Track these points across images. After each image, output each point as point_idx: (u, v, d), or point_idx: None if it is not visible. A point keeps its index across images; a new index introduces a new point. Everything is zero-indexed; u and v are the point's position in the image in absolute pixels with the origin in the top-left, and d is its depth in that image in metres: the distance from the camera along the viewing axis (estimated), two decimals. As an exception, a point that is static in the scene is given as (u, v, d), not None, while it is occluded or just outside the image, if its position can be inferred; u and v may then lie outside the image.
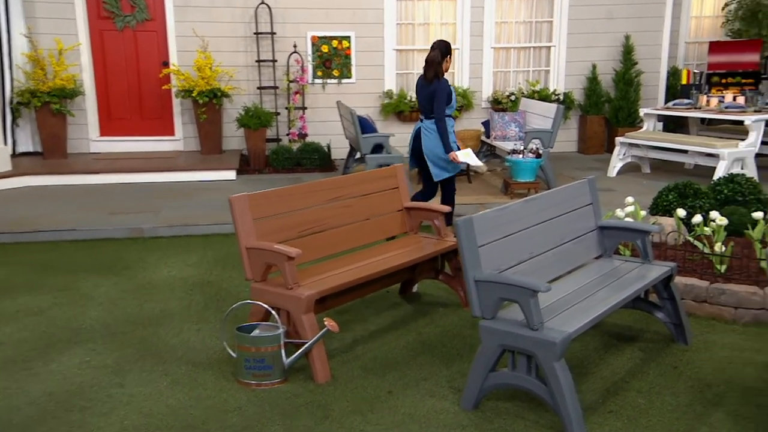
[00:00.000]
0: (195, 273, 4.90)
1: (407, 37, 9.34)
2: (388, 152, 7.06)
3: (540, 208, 3.43)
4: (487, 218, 3.09)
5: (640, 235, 3.70)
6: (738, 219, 4.80)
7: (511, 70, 9.55)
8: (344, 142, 8.70)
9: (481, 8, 9.20)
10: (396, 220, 4.32)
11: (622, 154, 7.79)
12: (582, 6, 9.24)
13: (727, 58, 9.14)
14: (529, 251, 3.25)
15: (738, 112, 6.90)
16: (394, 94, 9.22)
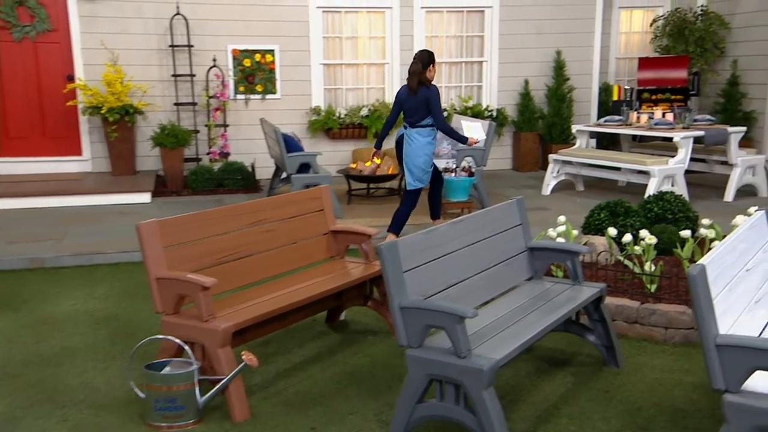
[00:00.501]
0: (101, 306, 4.74)
1: (335, 51, 9.42)
2: (315, 172, 7.07)
3: (468, 230, 3.50)
4: (413, 242, 3.13)
5: (569, 256, 3.83)
6: (668, 237, 5.04)
7: (443, 85, 9.75)
8: (270, 161, 8.65)
9: (410, 22, 9.40)
10: (321, 244, 4.32)
11: (555, 171, 8.06)
12: (512, 21, 9.58)
13: (656, 74, 9.65)
14: (457, 275, 3.31)
15: (667, 129, 7.28)
16: (322, 110, 9.25)
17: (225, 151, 8.74)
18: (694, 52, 9.71)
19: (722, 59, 9.91)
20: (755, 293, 2.87)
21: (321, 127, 9.24)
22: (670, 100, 9.48)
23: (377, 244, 3.01)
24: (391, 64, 9.46)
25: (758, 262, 3.00)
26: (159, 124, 8.37)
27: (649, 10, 10.55)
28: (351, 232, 4.38)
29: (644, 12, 10.60)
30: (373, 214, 7.06)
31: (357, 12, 9.38)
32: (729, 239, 2.75)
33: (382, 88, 9.60)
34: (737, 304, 2.64)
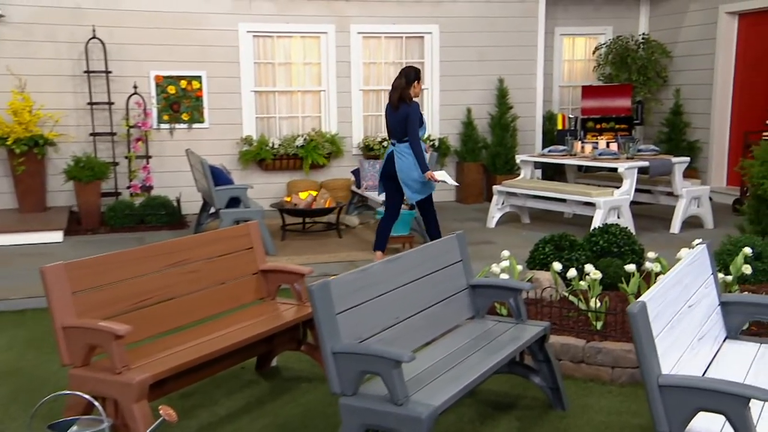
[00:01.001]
0: (2, 358, 4.53)
1: (267, 78, 9.44)
2: (246, 206, 7.00)
3: (405, 267, 3.51)
4: (346, 282, 3.12)
5: (511, 293, 3.88)
6: (613, 272, 5.17)
7: (382, 113, 9.86)
8: (197, 194, 8.53)
9: (347, 48, 9.51)
10: (251, 285, 4.27)
11: (500, 203, 8.22)
12: (453, 47, 9.81)
13: (599, 103, 10.01)
14: (394, 316, 3.31)
15: (611, 159, 7.54)
16: (254, 140, 9.22)
17: (147, 184, 8.57)
18: (638, 81, 10.14)
19: (665, 88, 10.38)
20: (698, 330, 2.97)
21: (253, 158, 9.19)
22: (614, 130, 9.84)
23: (309, 285, 2.98)
24: (327, 92, 9.54)
25: (701, 297, 3.11)
26: (73, 156, 8.16)
27: (592, 38, 10.99)
28: (282, 271, 4.34)
29: (587, 39, 11.04)
30: (310, 251, 7.03)
31: (290, 37, 9.44)
32: (670, 274, 2.84)
33: (318, 117, 9.65)
34: (680, 341, 2.72)
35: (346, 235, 7.76)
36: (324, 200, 7.70)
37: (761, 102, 8.93)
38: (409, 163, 6.13)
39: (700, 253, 3.29)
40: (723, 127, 9.60)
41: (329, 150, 9.37)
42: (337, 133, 9.52)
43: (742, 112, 9.41)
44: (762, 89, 8.96)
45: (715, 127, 9.60)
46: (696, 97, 9.88)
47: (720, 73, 9.46)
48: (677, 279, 2.88)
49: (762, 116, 8.66)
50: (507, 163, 9.74)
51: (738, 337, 3.36)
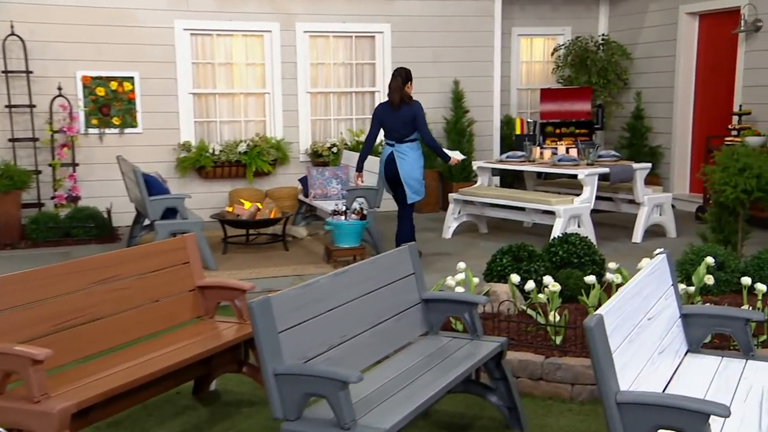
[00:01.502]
0: None
1: (206, 79, 9.36)
2: (183, 217, 6.91)
3: (353, 281, 3.51)
4: (289, 297, 3.10)
5: (467, 308, 3.91)
6: (573, 284, 5.26)
7: (331, 117, 9.88)
8: (130, 205, 8.37)
9: (292, 47, 9.50)
10: (187, 302, 4.22)
11: (456, 212, 8.28)
12: (406, 48, 9.88)
13: (559, 107, 10.20)
14: (341, 334, 3.30)
15: (571, 165, 7.67)
16: (192, 146, 9.12)
17: (74, 194, 8.39)
18: (597, 84, 10.37)
19: (626, 91, 10.63)
20: (658, 343, 3.03)
21: (191, 166, 9.08)
22: (574, 135, 10.03)
23: (249, 301, 2.96)
24: (272, 94, 9.50)
25: (661, 309, 3.18)
26: (-10, 164, 7.94)
27: (550, 38, 11.20)
28: (222, 287, 4.31)
29: (545, 40, 11.24)
30: (253, 264, 6.97)
31: (231, 35, 9.38)
32: (629, 286, 2.90)
33: (263, 121, 9.60)
34: (639, 356, 2.77)
35: (293, 248, 7.72)
36: (269, 210, 7.65)
37: (723, 105, 9.22)
38: (411, 162, 6.66)
39: (660, 263, 3.37)
40: (685, 132, 9.87)
41: (274, 156, 9.32)
42: (282, 139, 9.48)
43: (704, 116, 9.69)
44: (723, 92, 9.26)
45: (677, 132, 9.87)
46: (657, 100, 10.14)
47: (681, 75, 9.73)
48: (636, 290, 2.94)
49: (724, 120, 8.94)
50: (464, 169, 9.83)
51: (699, 351, 3.44)
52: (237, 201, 8.67)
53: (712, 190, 5.82)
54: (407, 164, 6.66)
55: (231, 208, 7.91)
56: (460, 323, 4.71)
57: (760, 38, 8.54)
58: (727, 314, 3.41)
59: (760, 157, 5.59)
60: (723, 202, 5.61)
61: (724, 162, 5.50)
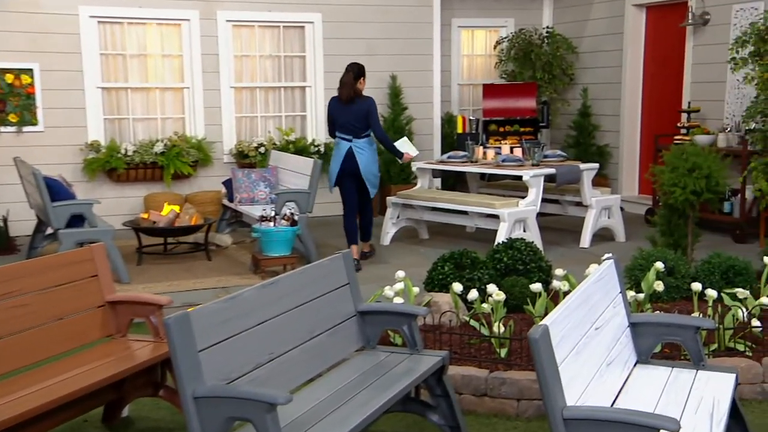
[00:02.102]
0: None
1: (117, 72, 9.20)
2: (92, 225, 6.77)
3: (282, 293, 3.49)
4: (211, 312, 3.06)
5: (406, 320, 3.93)
6: (519, 292, 5.34)
7: (258, 115, 9.81)
8: (30, 212, 8.14)
9: (214, 38, 9.40)
10: (95, 319, 4.12)
11: (395, 217, 8.33)
12: (338, 39, 9.90)
13: (502, 104, 10.37)
14: (269, 351, 3.27)
15: (516, 166, 7.80)
16: (102, 146, 8.93)
17: (-32, 200, 8.11)
18: (542, 79, 10.58)
19: (572, 87, 10.88)
20: (606, 355, 3.11)
21: (101, 168, 8.90)
22: (519, 133, 10.21)
23: (166, 317, 2.90)
24: (192, 89, 9.38)
25: (609, 318, 3.26)
26: None
27: (492, 31, 11.37)
28: (135, 302, 4.24)
29: (487, 32, 11.41)
30: (172, 276, 6.88)
31: (145, 24, 9.23)
32: (575, 294, 2.97)
33: (182, 118, 9.48)
34: (586, 368, 2.84)
35: (217, 257, 7.64)
36: (189, 216, 7.56)
37: (672, 102, 9.52)
38: (369, 157, 7.19)
39: (607, 270, 3.45)
40: (633, 130, 10.16)
41: (195, 157, 9.20)
42: (204, 138, 9.37)
43: (652, 114, 9.99)
44: (672, 88, 9.56)
45: (625, 130, 10.14)
46: (605, 97, 10.41)
47: (629, 70, 10.01)
48: (583, 298, 3.00)
49: (673, 118, 9.23)
50: (402, 171, 9.89)
51: (649, 361, 3.54)
52: (153, 207, 8.53)
53: (661, 192, 6.01)
54: (365, 159, 7.16)
55: (146, 214, 7.79)
56: (399, 336, 4.74)
57: (708, 32, 8.86)
58: (677, 323, 3.52)
59: (709, 156, 5.80)
60: (672, 204, 5.80)
61: (673, 162, 5.68)
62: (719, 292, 5.03)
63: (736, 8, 8.50)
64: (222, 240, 8.17)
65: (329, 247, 7.95)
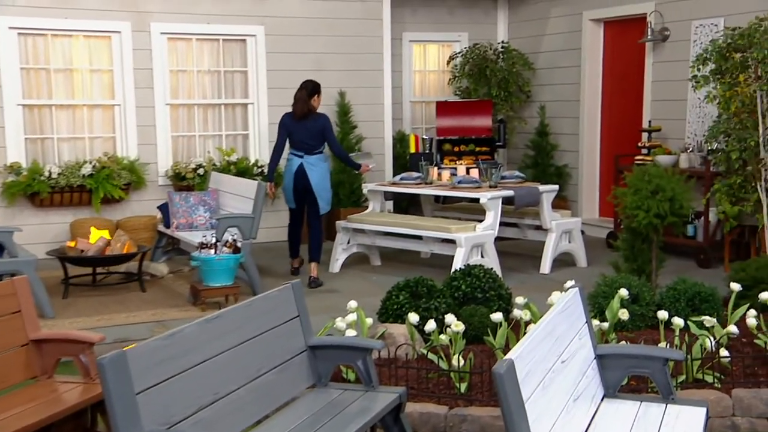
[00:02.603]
0: None
1: (40, 88, 9.08)
2: (12, 255, 6.64)
3: (227, 328, 3.46)
4: (149, 350, 3.02)
5: (359, 354, 3.93)
6: (479, 322, 5.38)
7: (196, 134, 9.75)
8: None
9: (147, 51, 9.32)
10: (18, 360, 4.05)
11: (345, 242, 8.32)
12: (283, 54, 9.91)
13: (457, 122, 10.47)
14: (213, 391, 3.24)
15: (472, 188, 7.88)
16: (23, 168, 8.77)
17: None
18: (498, 96, 10.73)
19: (529, 104, 11.07)
20: (573, 389, 3.14)
21: (22, 192, 8.74)
22: (474, 153, 10.31)
23: (99, 358, 2.85)
24: (123, 106, 9.28)
25: (575, 350, 3.30)
26: None
27: (446, 45, 11.52)
28: (63, 339, 4.20)
29: (440, 47, 11.56)
30: (103, 310, 6.78)
31: (71, 36, 9.13)
32: (540, 325, 3.00)
33: (112, 138, 9.37)
34: (553, 404, 2.86)
35: (152, 288, 7.55)
36: (121, 244, 7.46)
37: (632, 121, 9.74)
38: (321, 173, 7.64)
39: (572, 299, 3.50)
40: (593, 150, 10.35)
41: (127, 180, 9.08)
42: (137, 159, 9.25)
43: (612, 133, 10.20)
44: (632, 106, 9.78)
45: (585, 150, 10.33)
46: (563, 115, 10.59)
47: (587, 87, 10.22)
48: (548, 330, 3.04)
49: (633, 137, 9.43)
50: (352, 193, 9.92)
51: (617, 395, 3.59)
52: (81, 234, 8.39)
53: (623, 215, 6.12)
54: (317, 175, 7.60)
55: (73, 242, 7.66)
56: (353, 372, 4.72)
57: (668, 48, 9.10)
58: (644, 354, 3.58)
59: (672, 178, 5.93)
60: (635, 228, 5.91)
61: (636, 184, 5.80)
62: (685, 320, 5.12)
63: (695, 24, 8.76)
64: (157, 269, 8.06)
65: (274, 275, 7.92)
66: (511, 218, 8.48)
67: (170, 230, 8.11)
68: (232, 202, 7.96)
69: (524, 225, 8.57)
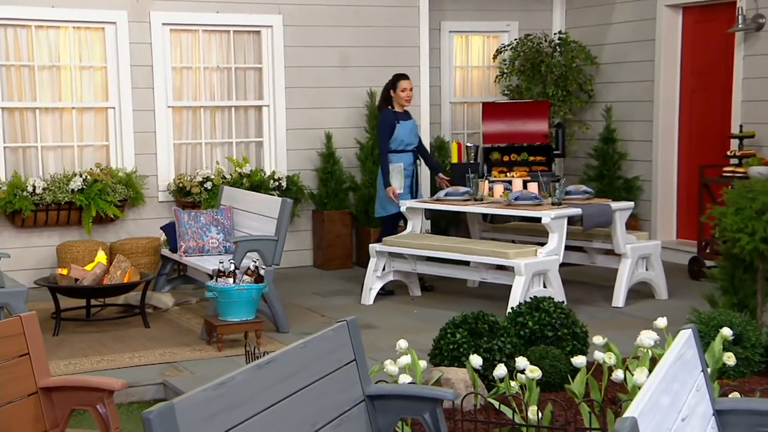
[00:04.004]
0: None
1: (21, 89, 9.21)
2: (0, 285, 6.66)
3: (280, 375, 3.47)
4: (198, 403, 3.03)
5: (427, 406, 3.92)
6: (550, 365, 5.39)
7: (202, 141, 9.82)
8: None
9: (146, 45, 9.42)
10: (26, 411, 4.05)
11: (380, 268, 8.34)
12: (304, 48, 9.99)
13: (506, 127, 10.48)
14: (266, 450, 3.25)
15: (532, 205, 7.87)
16: (2, 182, 8.86)
17: None
18: (555, 96, 10.74)
19: (591, 106, 11.07)
20: (695, 449, 3.14)
21: (1, 210, 8.83)
22: (528, 163, 10.31)
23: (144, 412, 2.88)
24: (118, 109, 9.37)
25: (693, 405, 3.29)
26: None
27: (492, 36, 11.56)
28: (77, 387, 4.18)
29: (485, 39, 11.59)
30: (101, 350, 6.82)
31: (58, 28, 9.25)
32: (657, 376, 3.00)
33: (105, 146, 9.47)
34: (677, 468, 2.86)
35: (157, 323, 7.60)
36: (122, 272, 7.50)
37: (718, 125, 9.72)
38: (379, 175, 8.63)
39: (686, 344, 3.50)
40: (669, 160, 10.33)
41: (123, 196, 9.14)
42: (134, 171, 9.33)
43: (693, 140, 10.18)
44: (718, 108, 9.77)
45: (659, 160, 10.31)
46: (632, 118, 10.60)
47: (663, 85, 10.21)
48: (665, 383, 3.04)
49: (720, 144, 9.42)
50: (382, 209, 9.94)
51: (738, 457, 3.57)
52: (71, 260, 8.44)
53: (720, 239, 6.11)
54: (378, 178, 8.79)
55: (65, 269, 7.69)
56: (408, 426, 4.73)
57: (763, 39, 9.08)
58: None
59: (780, 195, 5.91)
60: (736, 254, 5.90)
61: (737, 202, 5.79)
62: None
63: (797, 10, 8.75)
64: (161, 301, 8.11)
65: (297, 308, 7.97)
66: (576, 241, 8.47)
67: (177, 255, 8.15)
68: (250, 222, 7.99)
69: (592, 249, 8.57)
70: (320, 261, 10.05)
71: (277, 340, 6.98)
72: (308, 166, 10.12)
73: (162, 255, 8.61)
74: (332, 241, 9.94)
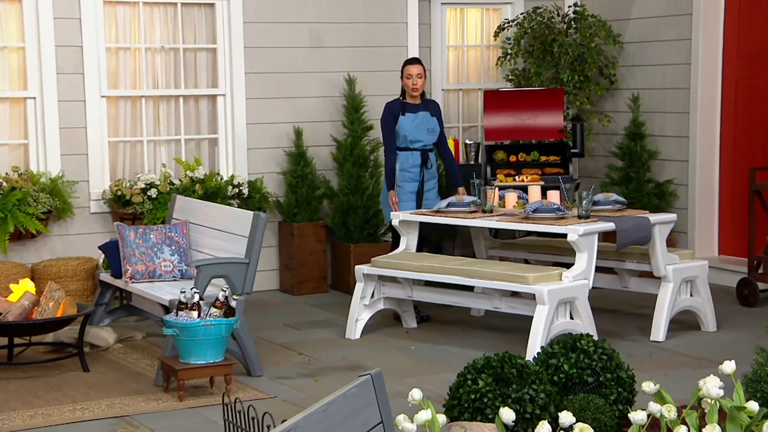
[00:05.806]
0: None
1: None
2: None
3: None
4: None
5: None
6: (594, 419, 5.43)
7: (144, 138, 9.81)
8: None
9: (75, 21, 9.38)
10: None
11: (368, 295, 8.32)
12: (267, 24, 10.02)
13: (513, 120, 10.48)
14: None
15: (554, 219, 7.86)
16: None
17: None
18: (570, 82, 10.77)
19: (614, 95, 11.15)
20: None
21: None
22: (540, 164, 10.33)
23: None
24: (40, 99, 9.32)
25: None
26: None
27: (492, 9, 11.59)
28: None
29: (484, 12, 11.61)
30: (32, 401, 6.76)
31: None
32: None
33: (24, 145, 9.42)
34: None
35: (97, 365, 7.55)
36: (54, 303, 7.45)
37: (767, 118, 9.85)
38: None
39: None
40: (710, 160, 10.39)
41: (47, 206, 9.09)
42: (61, 176, 9.28)
43: (739, 136, 10.24)
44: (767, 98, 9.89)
45: (698, 160, 10.37)
46: (665, 109, 10.67)
47: (702, 71, 10.27)
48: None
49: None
50: (367, 222, 9.95)
51: None
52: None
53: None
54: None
55: (-17, 302, 7.64)
56: (432, 495, 4.77)
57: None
58: None
59: None
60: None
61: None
62: None
63: None
64: (100, 337, 8.03)
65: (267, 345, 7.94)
66: (605, 261, 8.48)
67: (122, 281, 8.09)
68: (211, 240, 7.94)
69: (624, 270, 8.62)
70: (289, 284, 10.04)
71: (250, 385, 6.94)
72: (274, 169, 10.12)
73: (101, 281, 8.52)
74: (303, 260, 9.93)
